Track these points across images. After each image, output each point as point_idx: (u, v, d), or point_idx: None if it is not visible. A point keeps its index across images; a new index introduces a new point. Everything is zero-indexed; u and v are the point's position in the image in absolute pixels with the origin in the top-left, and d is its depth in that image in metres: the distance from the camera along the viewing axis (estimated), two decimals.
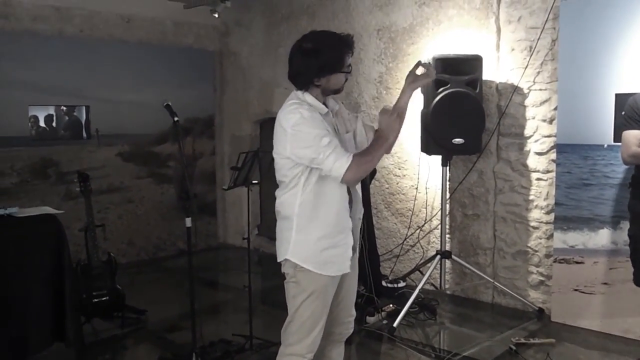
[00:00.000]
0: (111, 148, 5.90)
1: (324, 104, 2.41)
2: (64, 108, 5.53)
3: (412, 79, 2.42)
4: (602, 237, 4.02)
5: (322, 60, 2.31)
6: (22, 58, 5.22)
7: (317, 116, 2.29)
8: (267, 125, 6.55)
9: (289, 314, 2.42)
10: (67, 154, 5.55)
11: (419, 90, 4.49)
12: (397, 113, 2.40)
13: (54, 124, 5.48)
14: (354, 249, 2.48)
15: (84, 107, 5.66)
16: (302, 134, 2.25)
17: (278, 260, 2.44)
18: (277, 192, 2.44)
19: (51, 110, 5.45)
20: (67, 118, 5.56)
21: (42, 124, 5.39)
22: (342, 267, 2.42)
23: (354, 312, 2.64)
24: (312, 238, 2.35)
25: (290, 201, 2.36)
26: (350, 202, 2.45)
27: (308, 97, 2.36)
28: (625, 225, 3.90)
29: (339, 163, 2.21)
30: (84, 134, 5.68)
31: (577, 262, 4.10)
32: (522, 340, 3.77)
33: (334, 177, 2.25)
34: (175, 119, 3.24)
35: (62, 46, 5.48)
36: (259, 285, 5.14)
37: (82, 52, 5.60)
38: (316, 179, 2.32)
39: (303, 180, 2.32)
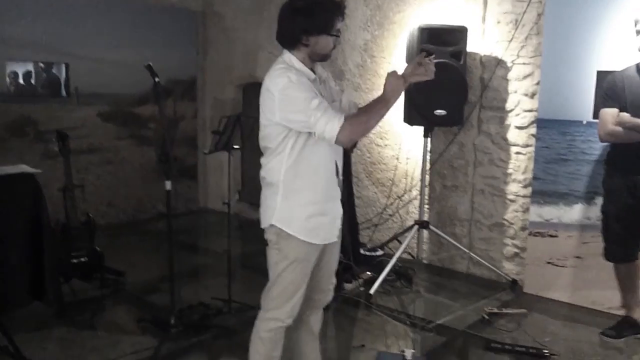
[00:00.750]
0: (91, 107, 5.81)
1: (312, 70, 2.37)
2: (42, 65, 5.41)
3: (413, 71, 2.29)
4: (577, 212, 4.11)
5: (312, 20, 2.26)
6: (1, 14, 5.06)
7: (305, 80, 2.25)
8: (250, 90, 6.48)
9: (270, 280, 2.43)
10: (46, 112, 5.45)
11: (404, 59, 4.49)
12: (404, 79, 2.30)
13: (32, 81, 5.36)
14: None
15: (63, 65, 5.54)
16: (290, 98, 2.21)
17: (262, 227, 2.43)
18: (263, 160, 2.41)
19: (30, 67, 5.33)
20: (45, 75, 5.44)
21: (20, 80, 5.28)
22: (329, 236, 2.43)
23: (334, 280, 2.66)
24: (299, 204, 2.34)
25: (276, 167, 2.34)
26: (337, 172, 2.44)
27: (295, 62, 2.31)
28: (599, 201, 3.96)
29: (330, 125, 2.17)
30: (63, 92, 5.58)
31: (551, 236, 4.20)
32: (495, 310, 3.87)
33: (327, 139, 2.21)
34: (156, 79, 3.20)
35: (42, 2, 5.32)
36: (238, 250, 5.17)
37: (62, 8, 5.45)
38: (302, 144, 2.29)
39: (290, 145, 2.29)
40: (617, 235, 3.54)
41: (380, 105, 2.25)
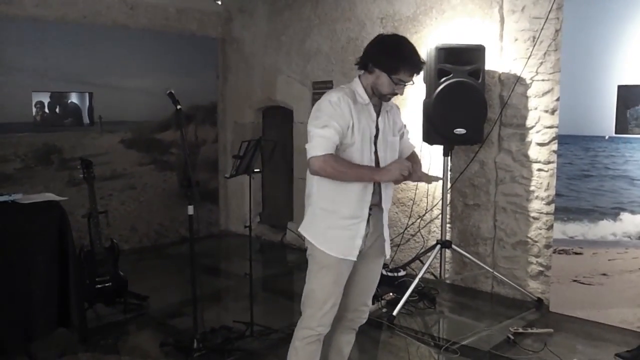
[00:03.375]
0: (114, 135, 5.92)
1: (377, 100, 2.49)
2: (67, 94, 5.54)
3: (419, 177, 2.52)
4: (602, 229, 4.04)
5: (384, 56, 2.41)
6: (26, 44, 5.22)
7: (343, 106, 2.37)
8: (269, 113, 6.55)
9: (305, 288, 2.55)
10: (70, 140, 5.58)
11: (421, 80, 4.51)
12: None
13: (57, 110, 5.49)
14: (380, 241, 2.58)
15: (87, 94, 5.67)
16: (317, 111, 2.40)
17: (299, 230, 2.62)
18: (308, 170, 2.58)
19: (55, 97, 5.46)
20: (69, 104, 5.57)
21: (46, 110, 5.41)
22: (347, 252, 2.48)
23: (369, 303, 2.70)
24: (321, 215, 2.48)
25: (312, 177, 2.48)
26: (379, 197, 2.52)
27: (358, 85, 2.48)
28: (625, 217, 3.92)
29: (314, 148, 2.33)
30: (87, 120, 5.70)
31: (576, 253, 4.13)
32: (520, 330, 3.80)
33: (307, 155, 2.37)
34: (178, 106, 3.26)
35: (65, 32, 5.48)
36: (260, 272, 5.17)
37: (85, 38, 5.61)
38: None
39: None
40: None
41: (365, 175, 2.41)
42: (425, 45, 4.61)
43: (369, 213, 2.49)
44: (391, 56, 2.40)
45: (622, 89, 3.85)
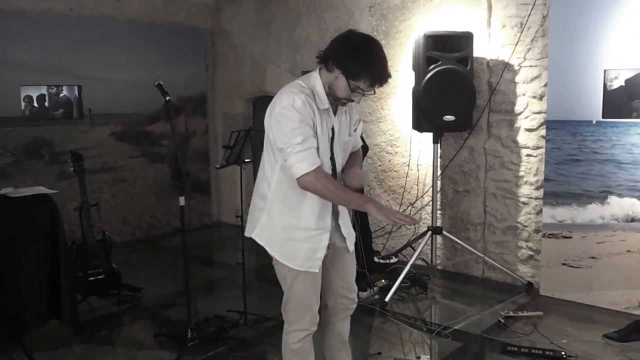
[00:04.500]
0: (104, 127, 5.90)
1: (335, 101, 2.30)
2: (55, 88, 5.51)
3: (379, 211, 2.18)
4: (590, 212, 4.09)
5: (347, 57, 2.17)
6: (12, 37, 5.18)
7: (308, 110, 2.19)
8: (259, 103, 6.55)
9: (284, 293, 2.46)
10: (60, 134, 5.55)
11: (410, 68, 4.52)
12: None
13: (46, 104, 5.46)
14: (346, 235, 2.51)
15: (75, 87, 5.64)
16: (284, 120, 2.17)
17: (245, 235, 2.49)
18: (260, 166, 2.41)
19: (43, 90, 5.43)
20: (58, 98, 5.54)
21: (35, 104, 5.38)
22: (308, 265, 2.36)
23: (355, 287, 2.67)
24: (279, 225, 2.35)
25: (269, 178, 2.33)
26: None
27: (318, 83, 2.26)
28: (612, 200, 3.97)
29: (299, 165, 2.15)
30: (76, 114, 5.67)
31: (565, 237, 4.18)
32: (511, 314, 3.85)
33: (292, 173, 2.19)
34: (167, 98, 3.26)
35: (52, 25, 5.44)
36: (252, 262, 5.15)
37: (72, 31, 5.56)
38: None
39: (282, 160, 2.26)
40: None
41: (351, 201, 2.25)
42: (414, 33, 4.63)
43: (331, 224, 2.39)
44: (355, 59, 2.16)
45: (608, 73, 3.87)
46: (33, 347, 3.17)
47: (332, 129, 2.34)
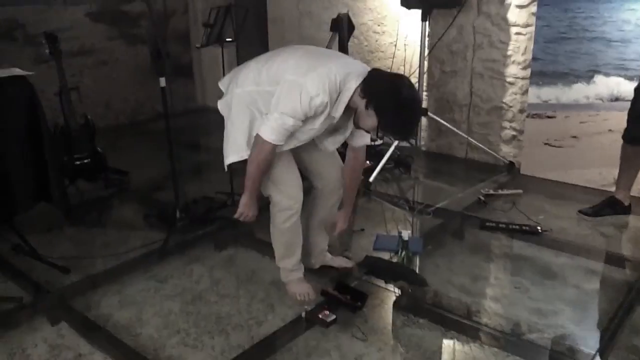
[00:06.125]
0: (78, 7, 5.63)
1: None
2: None
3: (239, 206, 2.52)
4: (575, 92, 4.08)
5: (388, 112, 2.21)
6: None
7: (318, 112, 2.24)
8: None
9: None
10: (33, 15, 5.30)
11: None
12: None
13: None
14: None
15: None
16: (297, 98, 2.21)
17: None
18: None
19: None
20: None
21: None
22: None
23: (336, 174, 2.71)
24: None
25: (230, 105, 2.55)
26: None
27: (345, 97, 2.26)
28: (599, 79, 3.95)
29: (271, 132, 2.27)
30: None
31: (549, 117, 4.20)
32: (491, 192, 3.96)
33: (261, 127, 2.31)
34: None
35: None
36: None
37: None
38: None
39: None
40: None
41: (247, 186, 2.47)
42: None
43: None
44: (395, 118, 2.21)
45: None
46: (24, 231, 3.23)
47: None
